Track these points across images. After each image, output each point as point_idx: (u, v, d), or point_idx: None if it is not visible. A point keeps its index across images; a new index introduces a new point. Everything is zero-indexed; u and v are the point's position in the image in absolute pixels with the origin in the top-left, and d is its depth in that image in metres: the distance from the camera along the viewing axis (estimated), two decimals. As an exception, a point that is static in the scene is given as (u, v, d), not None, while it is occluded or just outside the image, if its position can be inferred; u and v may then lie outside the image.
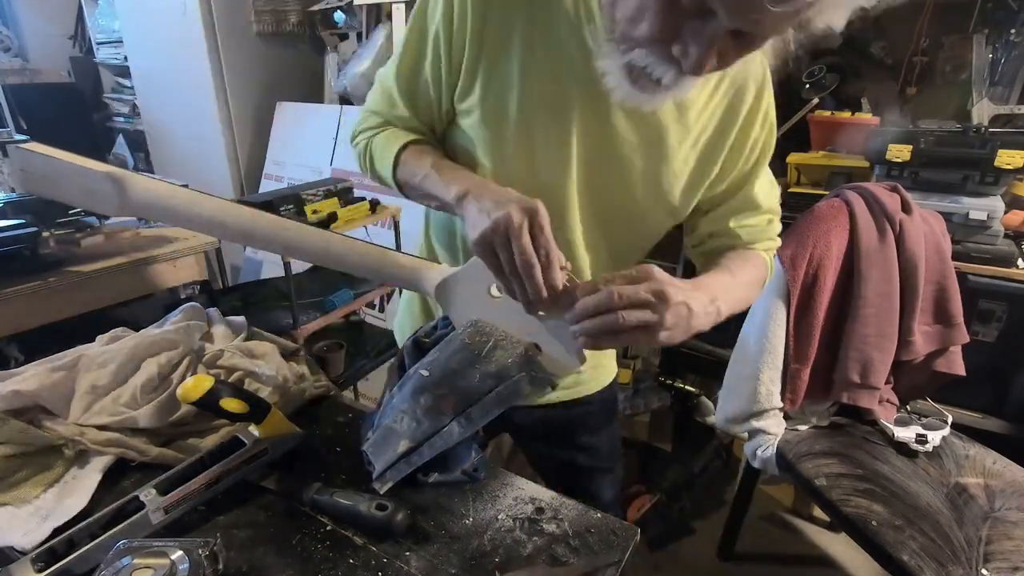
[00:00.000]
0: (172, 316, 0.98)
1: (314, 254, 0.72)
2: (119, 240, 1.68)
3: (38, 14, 3.37)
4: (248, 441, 0.71)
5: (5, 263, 1.39)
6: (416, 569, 0.61)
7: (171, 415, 0.78)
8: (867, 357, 1.30)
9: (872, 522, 1.12)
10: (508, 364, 0.61)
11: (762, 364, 1.33)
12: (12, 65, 3.24)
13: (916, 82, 1.74)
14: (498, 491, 0.72)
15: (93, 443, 0.73)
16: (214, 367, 0.86)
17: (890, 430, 1.33)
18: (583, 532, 0.66)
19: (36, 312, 1.43)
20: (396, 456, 0.64)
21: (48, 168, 0.61)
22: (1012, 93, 1.60)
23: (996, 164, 1.35)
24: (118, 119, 3.38)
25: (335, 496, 0.66)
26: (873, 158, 1.50)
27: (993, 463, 1.29)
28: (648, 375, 1.81)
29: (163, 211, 0.65)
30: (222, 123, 2.61)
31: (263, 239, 0.69)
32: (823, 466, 1.26)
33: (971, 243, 1.40)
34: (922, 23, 1.67)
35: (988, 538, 1.11)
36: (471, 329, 0.64)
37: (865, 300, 1.28)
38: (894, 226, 1.28)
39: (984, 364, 1.43)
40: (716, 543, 1.72)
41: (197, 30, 2.42)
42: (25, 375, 0.77)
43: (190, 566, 0.52)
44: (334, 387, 0.94)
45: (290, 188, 1.78)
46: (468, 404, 0.61)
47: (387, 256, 0.70)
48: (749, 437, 1.41)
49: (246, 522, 0.67)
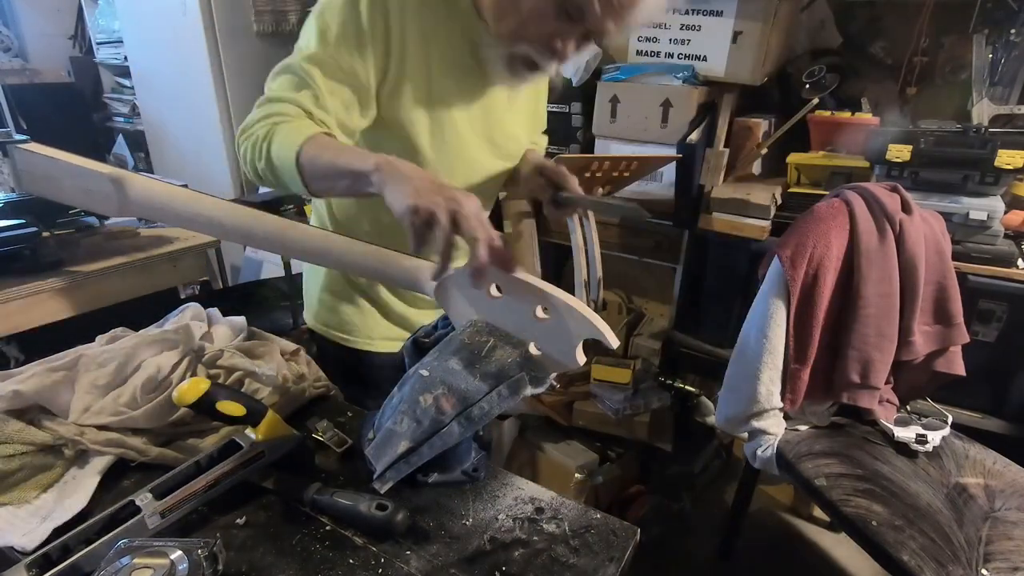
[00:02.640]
0: (172, 316, 0.98)
1: (314, 254, 0.72)
2: (119, 240, 1.68)
3: (38, 14, 3.37)
4: (245, 444, 0.71)
5: (5, 263, 1.39)
6: (416, 569, 0.61)
7: (171, 415, 0.78)
8: (867, 357, 1.30)
9: (872, 522, 1.12)
10: (508, 364, 0.61)
11: (762, 364, 1.33)
12: (12, 65, 3.24)
13: (916, 82, 1.74)
14: (498, 491, 0.72)
15: (93, 443, 0.73)
16: (214, 367, 0.86)
17: (890, 430, 1.33)
18: (583, 532, 0.66)
19: (36, 312, 1.43)
20: (396, 456, 0.64)
21: (48, 168, 0.61)
22: (1012, 93, 1.59)
23: (996, 164, 1.35)
24: (118, 119, 3.38)
25: (335, 496, 0.66)
26: (873, 158, 1.50)
27: (993, 463, 1.29)
28: (648, 375, 1.81)
29: (163, 211, 0.65)
30: (222, 123, 2.61)
31: (263, 239, 0.69)
32: (823, 466, 1.26)
33: (971, 243, 1.40)
34: (922, 23, 1.67)
35: (988, 538, 1.11)
36: (471, 329, 0.64)
37: (865, 300, 1.28)
38: (894, 226, 1.28)
39: (984, 364, 1.43)
40: (716, 543, 1.72)
41: (197, 30, 2.42)
42: (25, 375, 0.77)
43: (190, 566, 0.52)
44: (334, 387, 0.94)
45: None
46: (468, 404, 0.61)
47: (387, 256, 0.70)
48: (749, 437, 1.41)
49: (246, 522, 0.67)
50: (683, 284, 1.77)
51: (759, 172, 1.85)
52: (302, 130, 0.72)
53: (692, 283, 1.77)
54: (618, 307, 1.92)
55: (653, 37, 1.64)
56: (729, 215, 1.59)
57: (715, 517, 1.84)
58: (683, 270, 1.75)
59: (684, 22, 1.58)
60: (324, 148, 0.70)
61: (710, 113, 1.61)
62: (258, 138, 0.74)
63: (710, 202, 1.60)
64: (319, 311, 1.06)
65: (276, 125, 0.73)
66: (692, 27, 1.58)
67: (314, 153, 0.69)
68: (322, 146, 0.70)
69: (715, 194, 1.60)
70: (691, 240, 1.69)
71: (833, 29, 1.80)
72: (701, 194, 1.60)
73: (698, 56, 1.59)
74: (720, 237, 1.62)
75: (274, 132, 0.73)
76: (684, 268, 1.74)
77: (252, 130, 0.75)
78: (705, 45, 1.58)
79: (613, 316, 1.92)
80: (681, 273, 1.76)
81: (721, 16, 1.53)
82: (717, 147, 1.64)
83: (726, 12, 1.52)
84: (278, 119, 0.74)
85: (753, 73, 1.55)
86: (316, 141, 0.70)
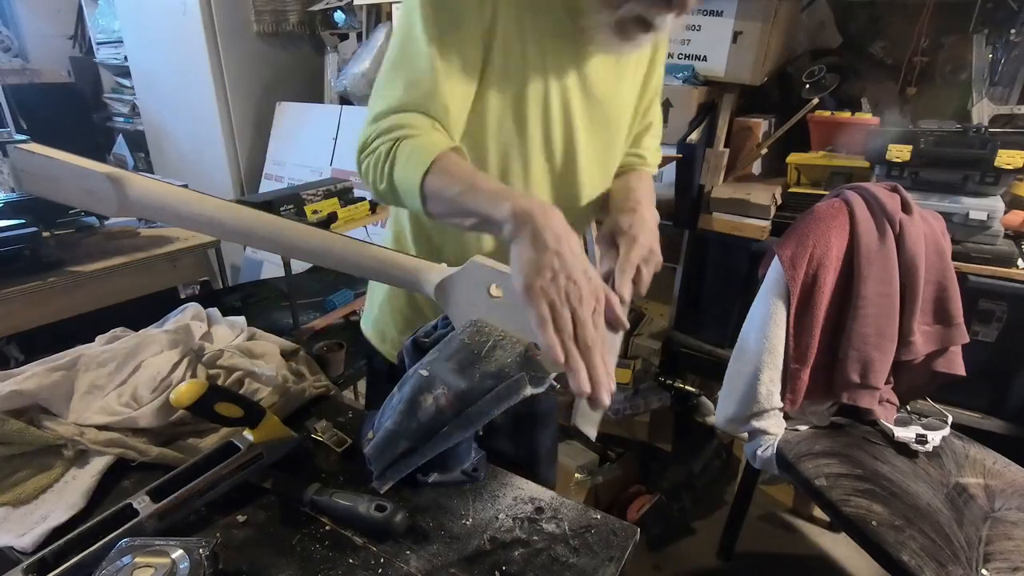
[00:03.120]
0: (172, 316, 0.98)
1: (314, 254, 0.72)
2: (119, 240, 1.68)
3: (38, 14, 3.37)
4: (243, 446, 0.71)
5: (5, 263, 1.39)
6: (416, 569, 0.61)
7: (171, 415, 0.78)
8: (867, 357, 1.30)
9: (872, 522, 1.12)
10: (508, 364, 0.61)
11: (762, 364, 1.33)
12: (12, 65, 3.24)
13: (916, 82, 1.74)
14: (498, 491, 0.72)
15: (93, 443, 0.73)
16: (214, 367, 0.86)
17: (890, 430, 1.33)
18: (582, 532, 0.66)
19: (36, 312, 1.43)
20: (396, 456, 0.64)
21: (48, 168, 0.61)
22: (1012, 93, 1.60)
23: (996, 164, 1.35)
24: (118, 119, 3.38)
25: (334, 497, 0.66)
26: (873, 158, 1.50)
27: (993, 463, 1.29)
28: (648, 375, 1.81)
29: (163, 211, 0.65)
30: (222, 123, 2.61)
31: (263, 239, 0.69)
32: (823, 466, 1.26)
33: (971, 243, 1.40)
34: (922, 23, 1.67)
35: (988, 538, 1.11)
36: (471, 329, 0.64)
37: (865, 300, 1.28)
38: (894, 226, 1.28)
39: (984, 364, 1.43)
40: (716, 543, 1.72)
41: (197, 30, 2.43)
42: (25, 375, 0.77)
43: (190, 565, 0.52)
44: (334, 387, 0.94)
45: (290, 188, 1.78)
46: (468, 404, 0.61)
47: (387, 256, 0.70)
48: (749, 437, 1.41)
49: (246, 522, 0.67)
50: (683, 284, 1.77)
51: (759, 172, 1.85)
52: (427, 149, 0.66)
53: (692, 283, 1.77)
54: (618, 307, 1.92)
55: (653, 37, 1.64)
56: (729, 215, 1.59)
57: (715, 517, 1.84)
58: (683, 270, 1.75)
59: (684, 22, 1.58)
60: (453, 178, 0.65)
61: (710, 113, 1.61)
62: (380, 156, 0.69)
63: (710, 202, 1.60)
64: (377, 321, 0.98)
65: (399, 143, 0.69)
66: (692, 27, 1.58)
67: (442, 184, 0.65)
68: (451, 175, 0.65)
69: (715, 194, 1.60)
70: (691, 240, 1.69)
71: (833, 29, 1.80)
72: (701, 194, 1.60)
73: (698, 56, 1.59)
74: (720, 237, 1.62)
75: (397, 151, 0.68)
76: (684, 268, 1.74)
77: (374, 145, 0.71)
78: (705, 45, 1.58)
79: (613, 316, 1.92)
80: (681, 273, 1.76)
81: (721, 16, 1.53)
82: (717, 147, 1.64)
83: (726, 12, 1.52)
84: (400, 133, 0.69)
85: (753, 73, 1.55)
86: (443, 166, 0.65)
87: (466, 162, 0.71)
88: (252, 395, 0.82)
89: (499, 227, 0.62)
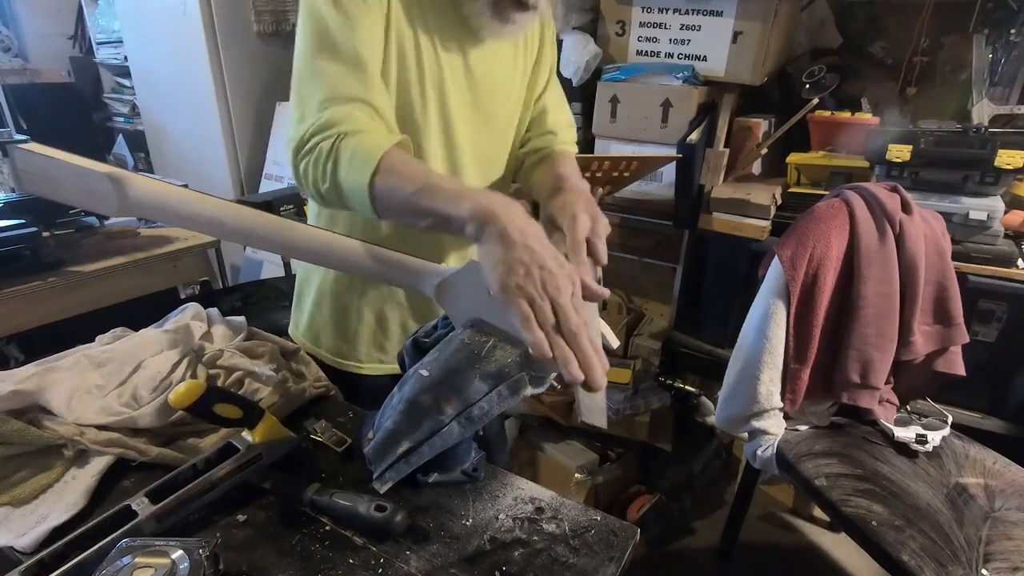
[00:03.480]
0: (172, 316, 0.98)
1: (314, 254, 0.72)
2: (119, 240, 1.68)
3: (38, 14, 3.37)
4: (242, 447, 0.71)
5: (5, 263, 1.39)
6: (416, 569, 0.61)
7: (171, 415, 0.78)
8: (867, 357, 1.30)
9: (872, 522, 1.12)
10: (508, 364, 0.61)
11: (762, 364, 1.33)
12: (12, 65, 3.24)
13: (916, 82, 1.74)
14: (498, 491, 0.72)
15: (93, 443, 0.73)
16: (214, 367, 0.85)
17: (890, 430, 1.33)
18: (583, 532, 0.66)
19: (36, 312, 1.43)
20: (396, 456, 0.64)
21: (48, 168, 0.61)
22: (1012, 93, 1.59)
23: (996, 164, 1.35)
24: (118, 119, 3.38)
25: (334, 497, 0.66)
26: (873, 158, 1.50)
27: (993, 463, 1.29)
28: (648, 375, 1.81)
29: (163, 211, 0.65)
30: (222, 123, 2.61)
31: (263, 239, 0.69)
32: (823, 466, 1.26)
33: (971, 243, 1.40)
34: (922, 23, 1.67)
35: (988, 538, 1.11)
36: (471, 329, 0.64)
37: (865, 300, 1.28)
38: (894, 226, 1.28)
39: (984, 364, 1.43)
40: (716, 543, 1.72)
41: (197, 30, 2.42)
42: (25, 375, 0.77)
43: (190, 566, 0.52)
44: (334, 387, 0.94)
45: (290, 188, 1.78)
46: (468, 404, 0.61)
47: (387, 256, 0.70)
48: (749, 437, 1.41)
49: (246, 522, 0.67)
50: (683, 284, 1.77)
51: (759, 172, 1.85)
52: (372, 147, 0.64)
53: (692, 283, 1.77)
54: (618, 307, 1.93)
55: (653, 37, 1.64)
56: (729, 215, 1.59)
57: (715, 517, 1.84)
58: (683, 270, 1.75)
59: (684, 22, 1.58)
60: (404, 177, 0.62)
61: (710, 113, 1.61)
62: (320, 155, 0.66)
63: (710, 202, 1.60)
64: (308, 327, 1.00)
65: (339, 139, 0.65)
66: (692, 27, 1.58)
67: (393, 185, 0.62)
68: (401, 174, 0.63)
69: (715, 194, 1.60)
70: (691, 240, 1.69)
71: (833, 29, 1.80)
72: (701, 194, 1.60)
73: (698, 56, 1.60)
74: (720, 237, 1.62)
75: (339, 148, 0.65)
76: (684, 268, 1.74)
77: (311, 144, 0.67)
78: (705, 45, 1.58)
79: (613, 316, 1.92)
80: (681, 273, 1.76)
81: (721, 16, 1.53)
82: (717, 147, 1.64)
83: (726, 12, 1.52)
84: (340, 129, 0.66)
85: (753, 73, 1.55)
86: (392, 165, 0.63)
87: (413, 158, 0.70)
88: (252, 395, 0.82)
89: (460, 227, 0.60)
